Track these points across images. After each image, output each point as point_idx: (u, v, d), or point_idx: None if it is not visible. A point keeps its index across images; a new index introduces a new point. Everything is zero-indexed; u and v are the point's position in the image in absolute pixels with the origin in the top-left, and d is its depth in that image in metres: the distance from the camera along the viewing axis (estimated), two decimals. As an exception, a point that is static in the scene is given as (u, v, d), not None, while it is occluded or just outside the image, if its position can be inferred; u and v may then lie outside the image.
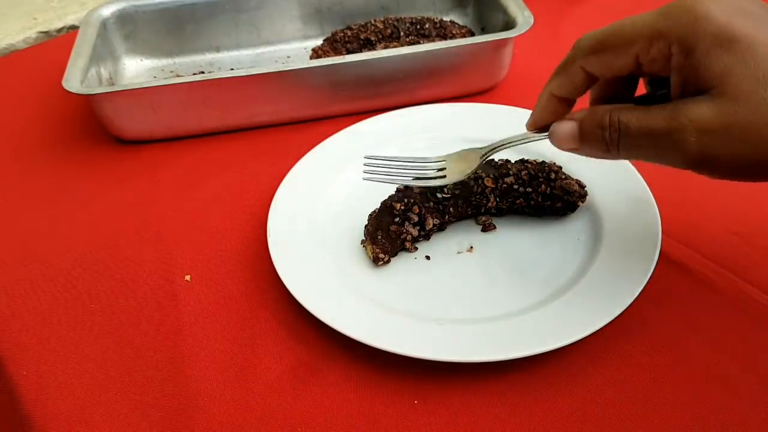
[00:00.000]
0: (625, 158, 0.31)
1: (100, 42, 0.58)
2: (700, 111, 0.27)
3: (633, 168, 0.44)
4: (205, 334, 0.39)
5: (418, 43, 0.60)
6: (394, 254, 0.42)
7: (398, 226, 0.40)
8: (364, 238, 0.42)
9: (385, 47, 0.60)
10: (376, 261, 0.41)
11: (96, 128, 0.56)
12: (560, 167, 0.43)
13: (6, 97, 0.63)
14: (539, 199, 0.42)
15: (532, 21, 0.55)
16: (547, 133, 0.35)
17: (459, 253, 0.42)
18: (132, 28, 0.62)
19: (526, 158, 0.44)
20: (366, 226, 0.42)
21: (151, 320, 0.40)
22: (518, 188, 0.42)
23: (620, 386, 0.35)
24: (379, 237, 0.40)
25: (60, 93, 0.51)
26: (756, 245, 0.41)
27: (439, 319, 0.37)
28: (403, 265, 0.42)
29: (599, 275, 0.38)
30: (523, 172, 0.42)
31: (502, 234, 0.43)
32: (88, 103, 0.56)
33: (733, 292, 0.39)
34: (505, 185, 0.42)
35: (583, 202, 0.43)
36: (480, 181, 0.42)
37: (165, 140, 0.55)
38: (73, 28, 0.76)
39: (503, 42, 0.55)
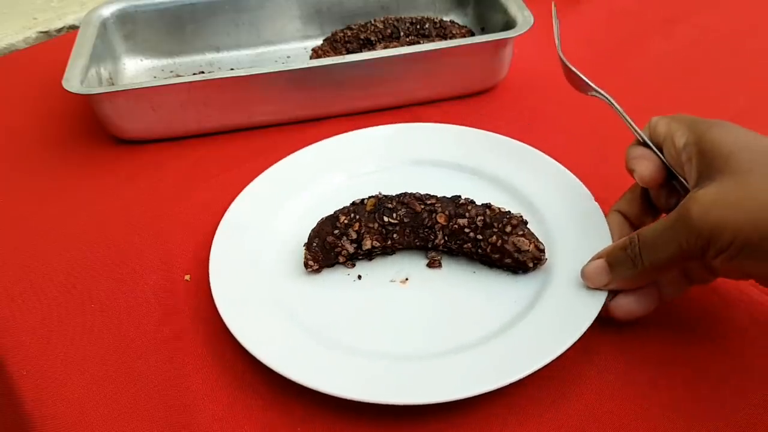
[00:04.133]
0: (652, 269, 0.33)
1: (100, 42, 0.58)
2: (704, 189, 0.31)
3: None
4: (205, 333, 0.39)
5: (418, 43, 0.60)
6: (330, 265, 0.41)
7: (335, 239, 0.40)
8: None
9: (385, 47, 0.60)
10: (306, 267, 0.40)
11: (96, 128, 0.56)
12: (525, 222, 0.39)
13: (6, 97, 0.63)
14: (488, 250, 0.39)
15: (532, 21, 0.55)
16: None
17: (392, 281, 0.40)
18: (132, 28, 0.62)
19: (491, 204, 0.40)
20: (311, 229, 0.41)
21: (151, 320, 0.40)
22: (469, 233, 0.39)
23: (620, 387, 0.35)
24: (314, 245, 0.40)
25: (60, 93, 0.51)
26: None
27: (345, 346, 0.36)
28: (334, 278, 0.41)
29: (524, 332, 0.36)
30: (479, 218, 0.39)
31: (445, 274, 0.41)
32: (88, 103, 0.56)
33: (733, 292, 0.39)
34: (456, 226, 0.39)
35: (537, 265, 0.39)
36: (433, 215, 0.40)
37: (165, 140, 0.55)
38: (73, 28, 0.76)
39: (503, 42, 0.55)
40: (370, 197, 0.41)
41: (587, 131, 0.53)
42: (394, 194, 0.41)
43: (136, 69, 0.63)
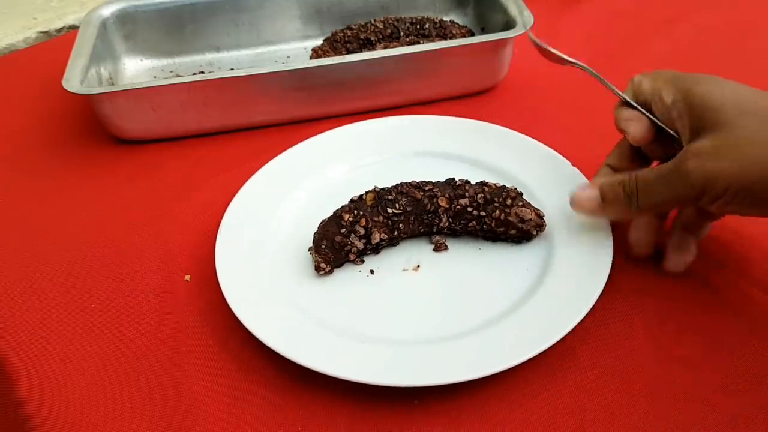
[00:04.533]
0: (645, 208, 0.36)
1: (100, 42, 0.58)
2: (700, 143, 0.33)
3: None
4: (205, 333, 0.39)
5: (418, 43, 0.60)
6: (339, 265, 0.41)
7: (343, 237, 0.40)
8: (312, 245, 0.41)
9: (385, 47, 0.60)
10: (318, 270, 0.40)
11: (96, 128, 0.56)
12: (521, 194, 0.42)
13: (6, 97, 0.63)
14: (492, 225, 0.41)
15: (532, 21, 0.55)
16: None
17: (404, 270, 0.41)
18: (132, 28, 0.62)
19: (486, 180, 0.42)
20: (315, 233, 0.41)
21: (151, 320, 0.40)
22: (472, 211, 0.41)
23: (620, 387, 0.35)
24: (323, 247, 0.40)
25: (60, 93, 0.51)
26: (756, 245, 0.41)
27: (368, 337, 0.37)
28: (346, 277, 0.41)
29: (539, 305, 0.37)
30: (479, 195, 0.41)
31: (453, 255, 0.42)
32: (88, 103, 0.56)
33: (733, 292, 0.39)
34: (458, 207, 0.41)
35: (539, 231, 0.41)
36: (434, 200, 0.41)
37: (165, 140, 0.55)
38: (73, 28, 0.76)
39: (503, 42, 0.55)
40: (367, 192, 0.42)
41: (587, 130, 0.53)
42: (389, 186, 0.42)
43: (136, 69, 0.63)
